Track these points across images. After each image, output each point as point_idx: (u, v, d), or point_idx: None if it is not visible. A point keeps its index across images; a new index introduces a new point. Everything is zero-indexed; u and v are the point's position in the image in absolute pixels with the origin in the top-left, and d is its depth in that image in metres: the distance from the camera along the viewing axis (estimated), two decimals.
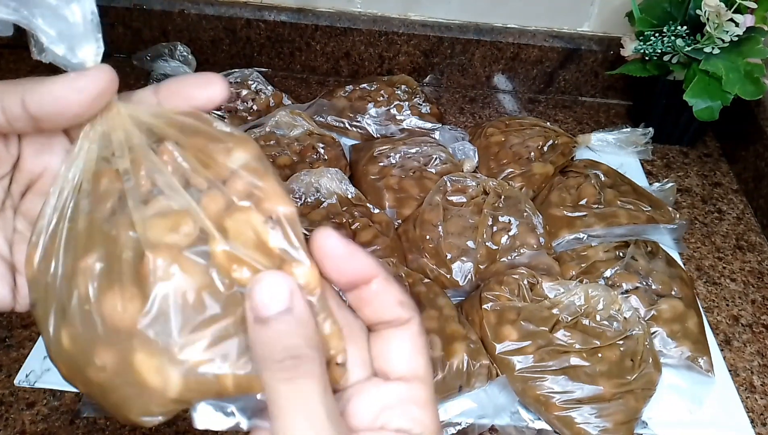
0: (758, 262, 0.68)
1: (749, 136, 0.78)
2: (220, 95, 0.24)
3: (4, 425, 0.49)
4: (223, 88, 0.24)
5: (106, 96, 0.22)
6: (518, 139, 0.74)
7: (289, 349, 0.20)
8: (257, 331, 0.20)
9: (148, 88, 0.24)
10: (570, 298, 0.54)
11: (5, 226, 0.25)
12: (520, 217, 0.63)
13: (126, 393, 0.21)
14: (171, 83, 0.24)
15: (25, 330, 0.56)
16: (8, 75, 0.87)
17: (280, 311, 0.20)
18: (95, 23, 0.22)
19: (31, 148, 0.25)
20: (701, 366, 0.54)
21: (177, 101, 0.24)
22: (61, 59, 0.22)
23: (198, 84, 0.24)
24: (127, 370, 0.20)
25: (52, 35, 0.21)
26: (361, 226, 0.61)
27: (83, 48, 0.22)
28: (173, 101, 0.24)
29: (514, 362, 0.51)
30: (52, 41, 0.21)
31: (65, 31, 0.21)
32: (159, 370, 0.20)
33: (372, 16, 0.87)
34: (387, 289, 0.23)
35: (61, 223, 0.22)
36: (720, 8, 0.66)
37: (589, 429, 0.49)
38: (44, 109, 0.21)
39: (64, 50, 0.21)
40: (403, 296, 0.23)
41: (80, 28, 0.21)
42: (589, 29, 0.87)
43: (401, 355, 0.23)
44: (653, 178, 0.78)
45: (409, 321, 0.23)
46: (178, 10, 0.87)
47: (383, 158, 0.71)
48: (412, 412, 0.22)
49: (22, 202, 0.26)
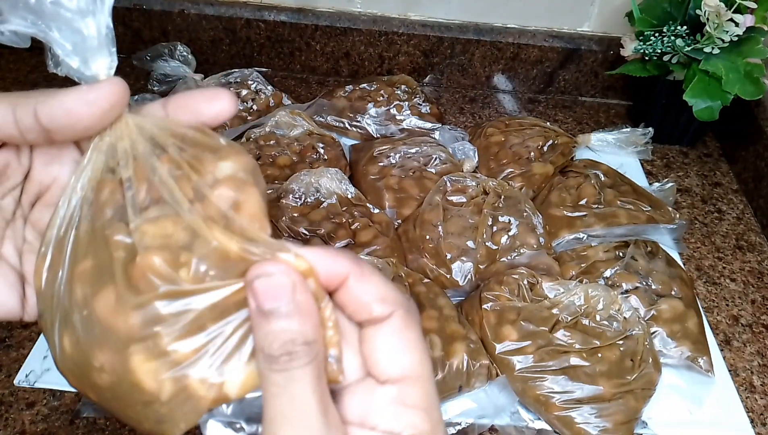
0: (758, 262, 0.68)
1: (749, 136, 0.78)
2: (228, 111, 0.24)
3: (4, 425, 0.49)
4: (231, 104, 0.24)
5: (117, 109, 0.22)
6: (518, 139, 0.74)
7: (289, 342, 0.20)
8: (260, 322, 0.20)
9: (157, 102, 0.24)
10: (570, 298, 0.54)
11: (15, 236, 0.26)
12: (520, 217, 0.63)
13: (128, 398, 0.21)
14: (180, 97, 0.24)
15: (24, 330, 0.56)
16: (8, 75, 0.88)
17: (284, 303, 0.20)
18: (110, 37, 0.22)
19: (42, 159, 0.25)
20: (701, 366, 0.54)
21: (185, 115, 0.24)
22: (75, 72, 0.22)
23: (206, 99, 0.24)
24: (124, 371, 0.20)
25: (67, 48, 0.21)
26: (361, 226, 0.61)
27: (97, 61, 0.22)
28: (181, 115, 0.24)
29: (514, 362, 0.51)
30: (68, 54, 0.22)
31: (80, 44, 0.22)
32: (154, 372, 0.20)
33: (372, 16, 0.87)
34: (363, 285, 0.22)
35: (68, 233, 0.22)
36: (720, 8, 0.66)
37: (589, 429, 0.49)
38: (56, 121, 0.22)
39: (79, 63, 0.22)
40: (385, 291, 0.22)
41: (94, 42, 0.22)
42: (589, 29, 0.87)
43: (386, 353, 0.22)
44: (653, 178, 0.78)
45: (391, 316, 0.22)
46: (178, 10, 0.87)
47: (383, 158, 0.71)
48: (400, 413, 0.22)
49: (32, 213, 0.26)
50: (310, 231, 0.60)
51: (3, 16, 0.21)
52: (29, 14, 0.21)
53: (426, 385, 0.22)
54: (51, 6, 0.21)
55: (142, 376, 0.20)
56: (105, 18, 0.22)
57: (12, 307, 0.25)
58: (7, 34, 0.21)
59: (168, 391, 0.20)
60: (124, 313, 0.20)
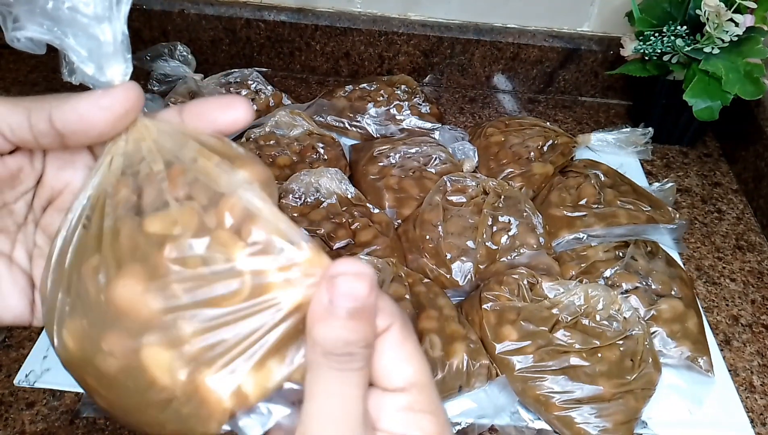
0: (758, 262, 0.68)
1: (749, 136, 0.78)
2: (245, 119, 0.24)
3: (4, 425, 0.49)
4: (247, 111, 0.24)
5: (131, 114, 0.22)
6: (518, 139, 0.74)
7: (353, 343, 0.20)
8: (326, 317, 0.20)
9: (172, 109, 0.24)
10: (570, 298, 0.54)
11: (26, 241, 0.26)
12: (520, 217, 0.63)
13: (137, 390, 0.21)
14: (195, 105, 0.24)
15: (24, 330, 0.56)
16: (8, 75, 0.87)
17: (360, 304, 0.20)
18: (126, 44, 0.22)
19: (55, 164, 0.25)
20: (701, 366, 0.54)
21: (201, 123, 0.24)
22: (90, 78, 0.22)
23: (222, 106, 0.24)
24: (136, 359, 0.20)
25: (83, 54, 0.21)
26: (360, 226, 0.61)
27: (112, 67, 0.22)
28: (197, 124, 0.24)
29: (514, 362, 0.51)
30: (83, 60, 0.21)
31: (95, 50, 0.21)
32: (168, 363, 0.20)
33: (372, 16, 0.87)
34: None
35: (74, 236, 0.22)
36: (720, 8, 0.66)
37: (588, 429, 0.49)
38: (70, 126, 0.21)
39: (94, 69, 0.22)
40: (381, 304, 0.22)
41: (110, 48, 0.22)
42: (589, 29, 0.87)
43: (390, 365, 0.22)
44: (653, 178, 0.78)
45: (388, 329, 0.22)
46: (178, 10, 0.87)
47: (383, 158, 0.71)
48: (411, 419, 0.22)
49: (43, 217, 0.26)
50: (310, 231, 0.60)
51: (19, 23, 0.21)
52: (46, 20, 0.21)
53: (430, 391, 0.23)
54: (68, 12, 0.21)
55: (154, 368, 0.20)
56: (121, 25, 0.22)
57: (21, 312, 0.25)
58: (23, 40, 0.21)
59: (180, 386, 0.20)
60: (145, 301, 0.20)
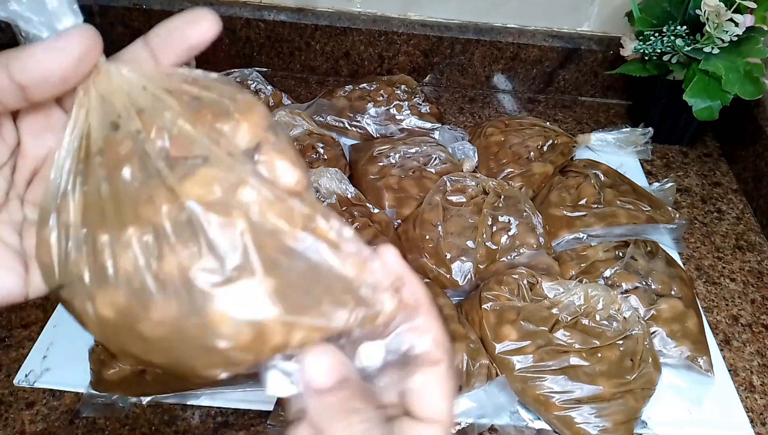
0: (758, 262, 0.68)
1: (749, 136, 0.78)
2: (212, 30, 0.23)
3: (4, 425, 0.49)
4: (213, 23, 0.23)
5: (90, 56, 0.21)
6: (518, 138, 0.74)
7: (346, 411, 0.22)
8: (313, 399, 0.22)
9: (137, 43, 0.24)
10: (569, 298, 0.54)
11: (12, 218, 0.25)
12: (520, 216, 0.63)
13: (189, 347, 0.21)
14: (159, 30, 0.23)
15: (24, 330, 0.56)
16: None
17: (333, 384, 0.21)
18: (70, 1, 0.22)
19: (31, 132, 0.24)
20: (701, 366, 0.54)
21: (170, 51, 0.23)
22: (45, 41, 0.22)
23: (187, 23, 0.23)
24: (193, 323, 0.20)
25: (34, 20, 0.21)
26: (360, 226, 0.61)
27: (62, 21, 0.21)
28: (166, 54, 0.23)
29: (514, 362, 0.51)
30: (34, 26, 0.21)
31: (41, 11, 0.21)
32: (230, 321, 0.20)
33: (372, 15, 0.87)
34: (429, 323, 0.24)
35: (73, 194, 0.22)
36: (720, 8, 0.66)
37: (588, 429, 0.49)
38: (29, 75, 0.21)
39: (46, 31, 0.21)
40: (440, 335, 0.23)
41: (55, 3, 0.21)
42: (589, 29, 0.87)
43: (433, 398, 0.23)
44: (653, 178, 0.78)
45: (439, 363, 0.23)
46: (178, 10, 0.86)
47: (383, 158, 0.71)
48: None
49: (30, 189, 0.25)
50: None
51: None
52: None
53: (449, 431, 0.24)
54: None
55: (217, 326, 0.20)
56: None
57: (13, 289, 0.24)
58: None
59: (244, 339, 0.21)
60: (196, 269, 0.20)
